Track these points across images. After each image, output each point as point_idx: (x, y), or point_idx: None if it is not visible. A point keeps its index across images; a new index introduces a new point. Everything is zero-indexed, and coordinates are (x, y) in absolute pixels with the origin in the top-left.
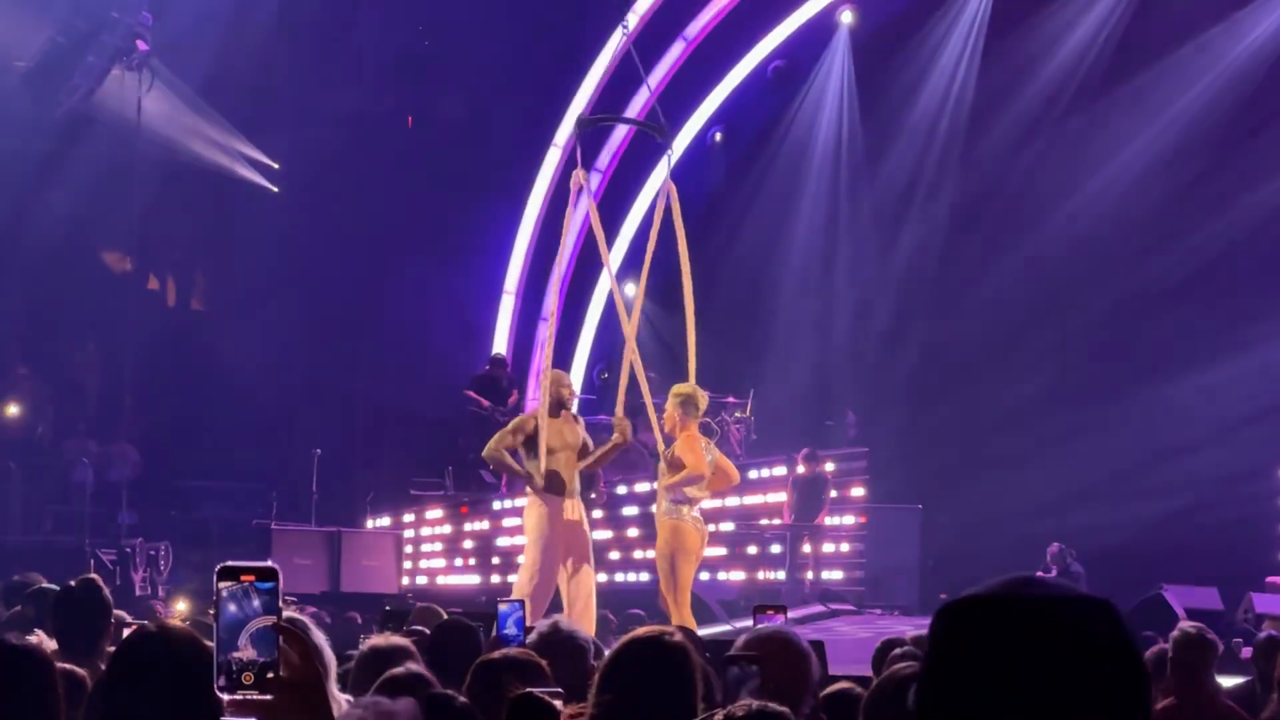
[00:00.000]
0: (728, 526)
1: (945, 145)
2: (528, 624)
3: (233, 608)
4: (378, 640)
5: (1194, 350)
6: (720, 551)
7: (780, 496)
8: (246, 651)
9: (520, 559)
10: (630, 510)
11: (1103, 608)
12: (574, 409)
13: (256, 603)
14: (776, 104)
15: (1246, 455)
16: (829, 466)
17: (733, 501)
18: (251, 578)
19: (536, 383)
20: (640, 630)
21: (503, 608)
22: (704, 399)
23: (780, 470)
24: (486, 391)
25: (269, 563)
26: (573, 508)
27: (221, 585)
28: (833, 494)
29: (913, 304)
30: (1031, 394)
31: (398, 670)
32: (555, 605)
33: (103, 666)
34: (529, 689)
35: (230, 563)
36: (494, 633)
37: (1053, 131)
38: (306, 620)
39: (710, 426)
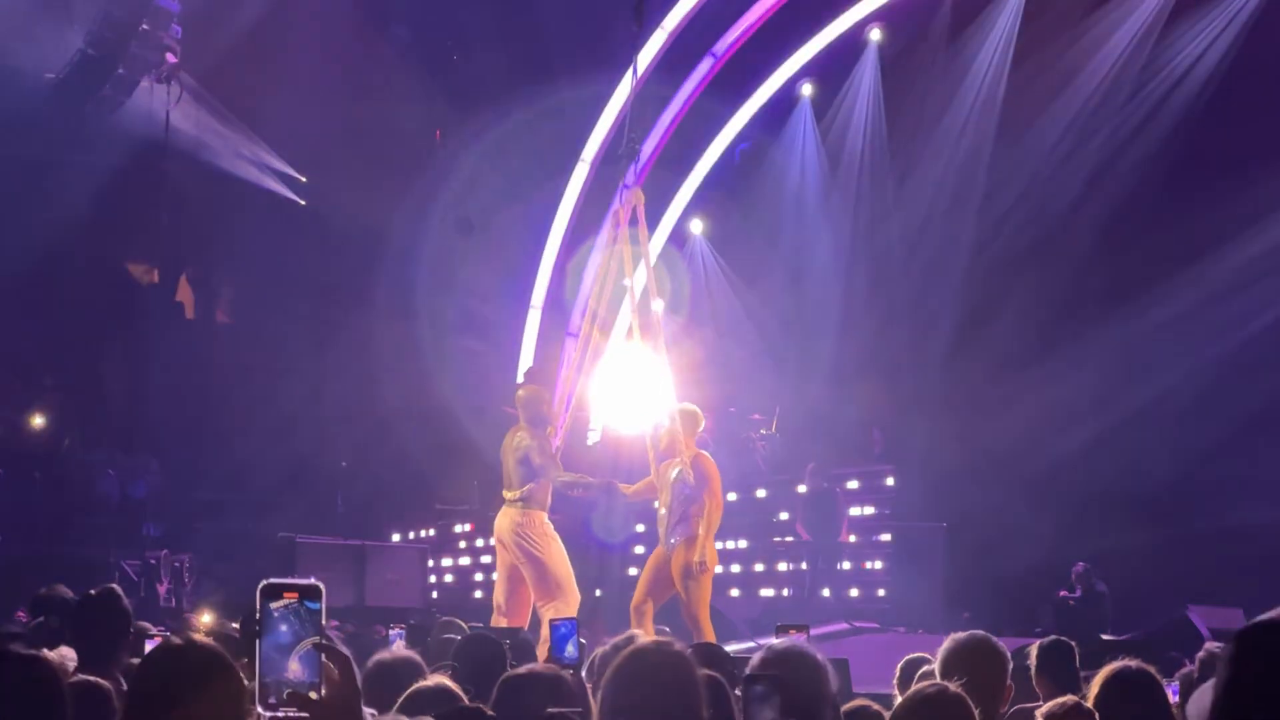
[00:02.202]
0: (753, 543)
1: (972, 158)
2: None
3: (284, 628)
4: (386, 655)
5: (1229, 371)
6: (744, 568)
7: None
8: (295, 671)
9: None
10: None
11: None
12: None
13: (306, 623)
14: (803, 124)
15: (1273, 475)
16: (853, 484)
17: (759, 518)
18: (295, 595)
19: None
20: (642, 641)
21: (561, 629)
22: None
23: (803, 488)
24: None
25: (312, 580)
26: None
27: (269, 604)
28: (851, 510)
29: (940, 319)
30: (1059, 411)
31: (425, 684)
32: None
33: (121, 677)
34: (551, 710)
35: (274, 580)
36: (546, 655)
37: (1083, 143)
38: (329, 634)
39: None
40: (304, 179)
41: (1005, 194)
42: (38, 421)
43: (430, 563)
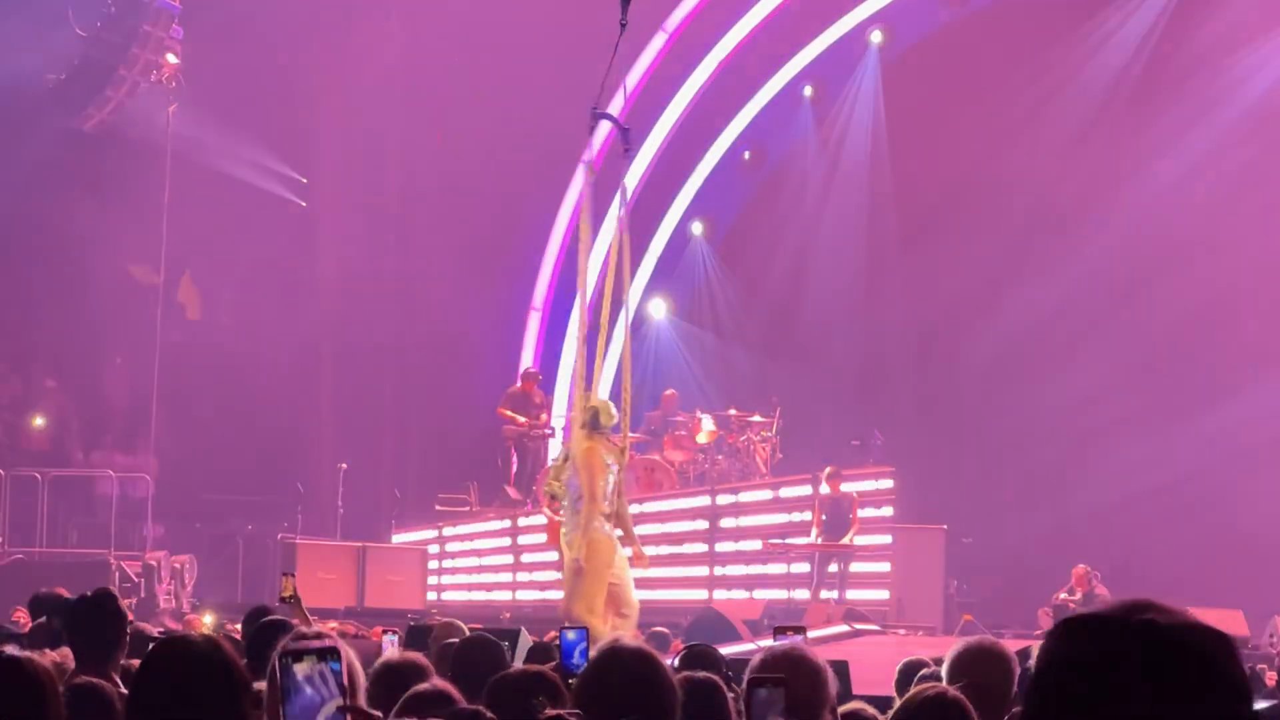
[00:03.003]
0: (753, 545)
1: (974, 164)
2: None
3: (309, 690)
4: (392, 656)
5: (1225, 377)
6: (745, 570)
7: (805, 515)
8: None
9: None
10: (650, 529)
11: (1218, 639)
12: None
13: (331, 685)
14: (804, 126)
15: (1272, 480)
16: (855, 485)
17: (759, 520)
18: (315, 657)
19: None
20: (617, 638)
21: (569, 636)
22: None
23: (805, 489)
24: (519, 408)
25: (330, 643)
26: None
27: (291, 667)
28: (860, 514)
29: (940, 323)
30: (1058, 417)
31: (423, 686)
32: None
33: (118, 678)
34: (550, 711)
35: (293, 645)
36: (555, 661)
37: (1092, 145)
38: (337, 640)
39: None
40: (304, 180)
41: (1004, 194)
42: (38, 422)
43: (432, 564)
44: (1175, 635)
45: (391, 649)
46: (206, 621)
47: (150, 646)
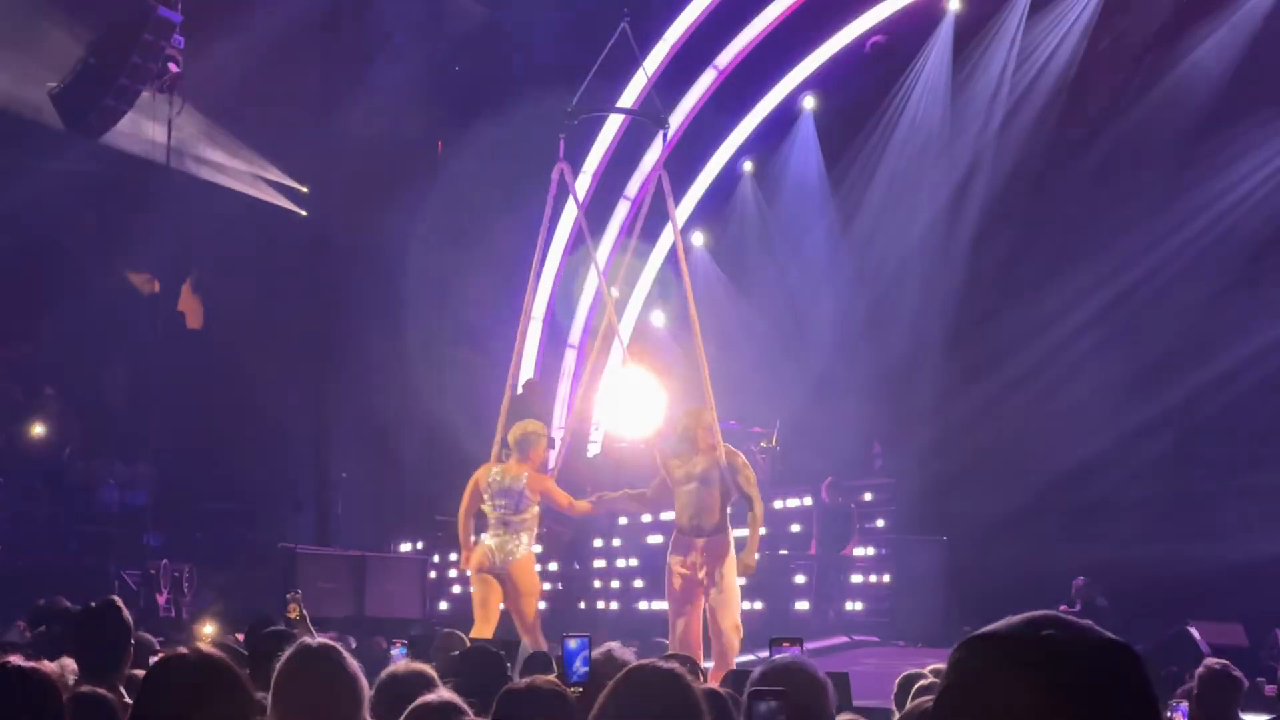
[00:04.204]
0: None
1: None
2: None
3: None
4: (398, 668)
5: (1232, 390)
6: (744, 581)
7: (804, 526)
8: None
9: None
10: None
11: (1121, 651)
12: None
13: None
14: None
15: (1274, 492)
16: (866, 497)
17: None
18: None
19: (568, 411)
20: (643, 661)
21: (570, 644)
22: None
23: (806, 500)
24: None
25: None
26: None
27: None
28: (860, 525)
29: (938, 333)
30: (1059, 425)
31: (430, 697)
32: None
33: (123, 688)
34: None
35: None
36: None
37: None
38: (340, 649)
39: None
40: (305, 189)
41: (1002, 205)
42: (38, 430)
43: (432, 574)
44: (1078, 649)
45: (401, 660)
46: (207, 631)
47: (152, 660)
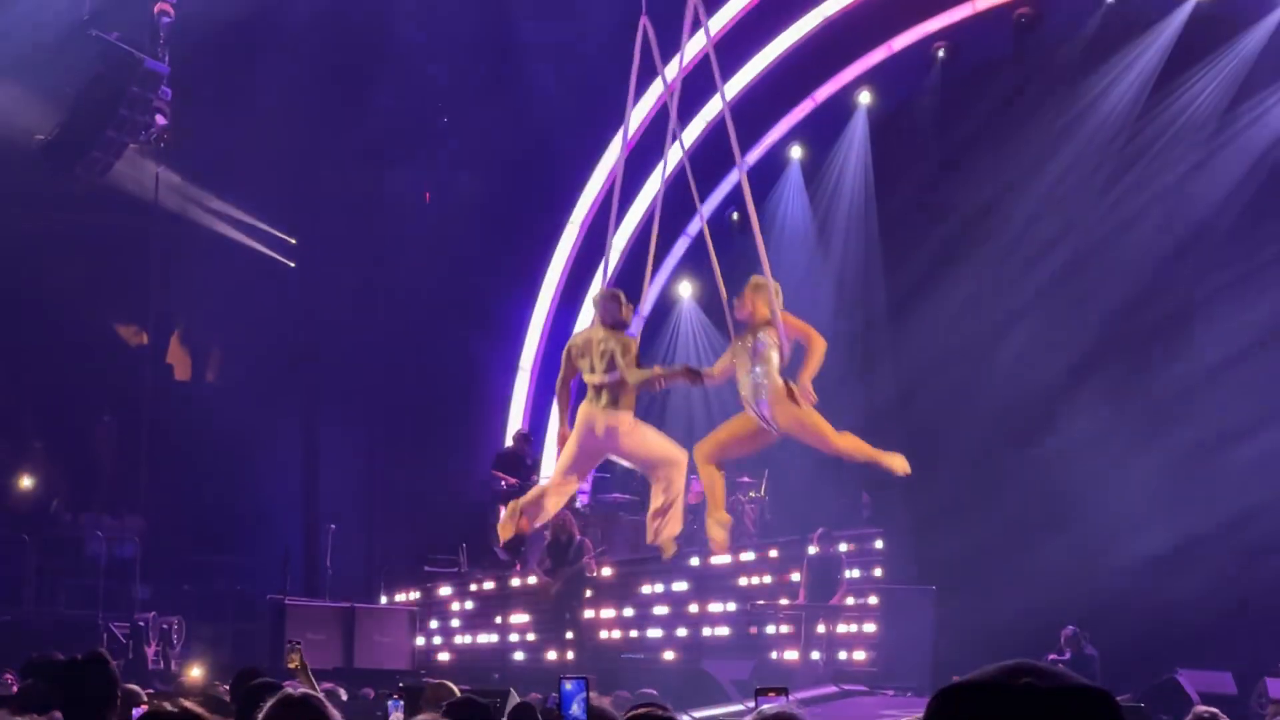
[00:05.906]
0: (740, 606)
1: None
2: None
3: None
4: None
5: (1219, 429)
6: (733, 631)
7: (794, 577)
8: None
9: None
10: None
11: (1099, 700)
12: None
13: None
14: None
15: (1263, 539)
16: (843, 547)
17: (748, 581)
18: None
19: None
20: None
21: (567, 686)
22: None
23: (793, 550)
24: (511, 469)
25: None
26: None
27: None
28: (848, 574)
29: (926, 381)
30: (1047, 473)
31: None
32: None
33: None
34: None
35: None
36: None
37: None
38: (322, 698)
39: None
40: (294, 241)
41: (998, 249)
42: (26, 483)
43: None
44: (1055, 699)
45: (396, 713)
46: (194, 674)
47: (136, 713)
